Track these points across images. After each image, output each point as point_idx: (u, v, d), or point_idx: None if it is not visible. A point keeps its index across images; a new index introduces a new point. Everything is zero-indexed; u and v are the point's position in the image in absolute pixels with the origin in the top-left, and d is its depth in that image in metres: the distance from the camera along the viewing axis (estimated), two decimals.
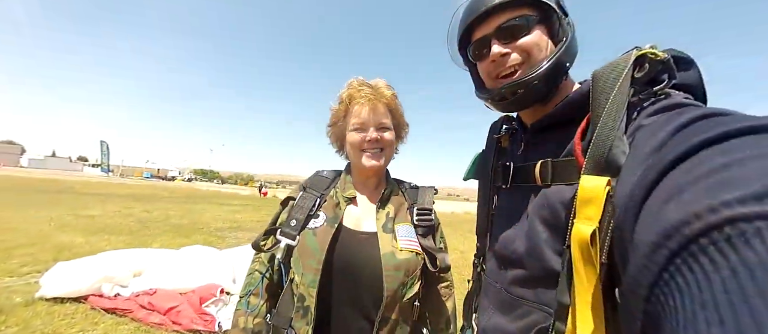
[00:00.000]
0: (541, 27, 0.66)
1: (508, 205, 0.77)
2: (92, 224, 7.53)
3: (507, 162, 0.77)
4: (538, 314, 0.61)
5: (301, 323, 0.94)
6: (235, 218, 11.00)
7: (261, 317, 1.03)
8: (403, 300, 0.96)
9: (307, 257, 0.95)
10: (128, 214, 9.81)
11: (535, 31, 0.66)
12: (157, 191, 24.31)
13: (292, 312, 0.96)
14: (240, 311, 1.05)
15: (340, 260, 0.95)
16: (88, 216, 8.64)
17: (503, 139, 0.86)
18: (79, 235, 6.28)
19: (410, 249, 0.99)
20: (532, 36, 0.65)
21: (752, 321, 0.19)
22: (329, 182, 1.14)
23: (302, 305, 0.94)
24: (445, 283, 1.12)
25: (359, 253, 0.97)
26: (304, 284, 0.94)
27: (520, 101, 0.69)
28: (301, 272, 0.95)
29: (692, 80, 0.57)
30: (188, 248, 4.52)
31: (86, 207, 10.40)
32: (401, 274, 0.95)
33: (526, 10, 0.66)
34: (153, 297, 3.13)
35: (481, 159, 0.92)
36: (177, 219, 9.65)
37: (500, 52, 0.67)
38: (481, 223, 0.88)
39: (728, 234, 0.22)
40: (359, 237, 1.00)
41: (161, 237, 6.85)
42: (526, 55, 0.66)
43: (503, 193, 0.80)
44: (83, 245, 5.46)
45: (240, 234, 8.08)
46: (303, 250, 0.97)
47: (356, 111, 1.04)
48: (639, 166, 0.41)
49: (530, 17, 0.66)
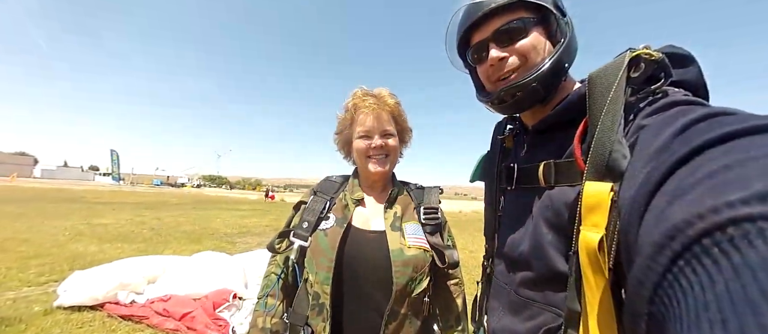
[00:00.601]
0: (538, 29, 0.66)
1: (513, 206, 0.77)
2: (105, 233, 7.67)
3: (511, 163, 0.78)
4: (547, 315, 0.62)
5: (318, 320, 0.97)
6: (244, 224, 11.12)
7: (278, 316, 1.08)
8: (412, 295, 0.98)
9: (320, 256, 0.99)
10: (140, 222, 9.97)
11: (533, 34, 0.66)
12: (167, 198, 24.63)
13: (307, 310, 1.00)
14: (258, 312, 1.10)
15: (350, 257, 0.99)
16: (101, 225, 8.81)
17: (507, 139, 0.86)
18: (93, 244, 6.40)
19: (418, 246, 1.02)
20: (529, 39, 0.65)
21: (755, 321, 0.19)
22: (338, 185, 1.18)
23: (317, 303, 0.98)
24: (455, 280, 1.14)
25: (368, 250, 1.01)
26: (319, 282, 0.98)
27: (518, 104, 0.70)
28: (315, 270, 0.99)
29: (692, 77, 0.57)
30: (200, 254, 4.58)
31: (99, 216, 10.59)
32: (410, 269, 0.98)
33: (523, 13, 0.66)
34: (168, 303, 3.18)
35: (487, 160, 0.93)
36: (188, 226, 9.79)
37: (498, 57, 0.67)
38: (489, 224, 0.89)
39: (731, 235, 0.22)
40: (368, 235, 1.05)
41: (173, 244, 6.95)
42: (523, 58, 0.66)
43: (509, 194, 0.81)
44: (97, 254, 5.57)
45: (249, 239, 8.17)
46: (315, 250, 1.01)
47: (361, 120, 1.09)
48: (643, 168, 0.41)
49: (527, 20, 0.66)
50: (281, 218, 13.56)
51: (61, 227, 8.05)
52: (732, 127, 0.32)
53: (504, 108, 0.73)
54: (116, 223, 9.37)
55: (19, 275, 4.24)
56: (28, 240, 6.27)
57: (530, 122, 0.76)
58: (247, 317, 3.14)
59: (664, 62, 0.52)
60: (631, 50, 0.54)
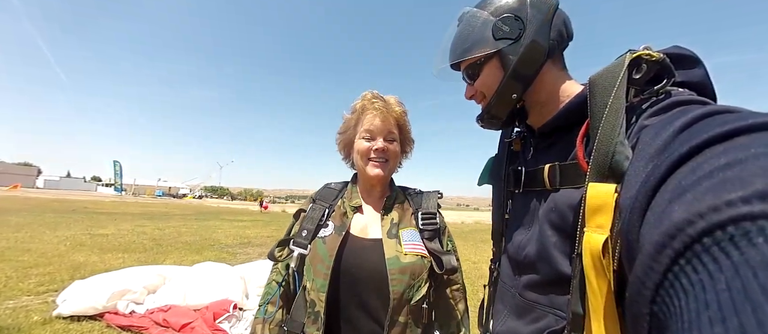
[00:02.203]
0: (492, 61, 0.70)
1: (520, 209, 0.77)
2: (106, 243, 7.66)
3: (518, 166, 0.79)
4: (551, 318, 0.62)
5: (312, 328, 0.97)
6: (244, 234, 11.08)
7: (276, 324, 1.08)
8: (411, 303, 0.98)
9: (317, 263, 1.00)
10: (141, 232, 9.97)
11: (485, 70, 0.72)
12: (168, 208, 24.67)
13: (304, 318, 1.00)
14: (257, 319, 1.09)
15: (348, 265, 0.99)
16: (102, 235, 8.80)
17: (515, 143, 0.87)
18: (94, 254, 6.39)
19: (415, 253, 1.02)
20: (482, 77, 0.73)
21: (755, 320, 0.19)
22: (337, 193, 1.18)
23: (313, 311, 0.98)
24: (455, 286, 1.13)
25: (365, 258, 1.01)
26: (315, 289, 0.98)
27: (493, 126, 0.80)
28: (312, 277, 0.99)
29: (698, 78, 0.56)
30: (201, 265, 4.57)
31: (100, 226, 10.59)
32: (407, 277, 0.97)
33: (477, 54, 0.71)
34: (168, 314, 3.15)
35: (495, 164, 0.94)
36: (189, 236, 9.76)
37: (468, 94, 0.80)
38: (496, 227, 0.89)
39: (732, 233, 0.22)
40: (364, 244, 1.05)
41: (174, 254, 6.93)
42: (481, 94, 0.76)
43: (516, 197, 0.81)
44: (98, 264, 5.55)
45: (250, 250, 8.13)
46: (314, 257, 1.01)
47: (367, 120, 1.09)
48: (644, 167, 0.41)
49: (476, 63, 0.72)
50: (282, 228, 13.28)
51: (63, 236, 8.05)
52: (732, 125, 0.32)
53: (487, 127, 0.82)
54: (117, 233, 9.36)
55: (19, 284, 4.22)
56: (29, 250, 6.26)
57: (536, 125, 0.76)
58: (247, 328, 3.11)
59: (666, 63, 0.52)
60: (631, 51, 0.54)
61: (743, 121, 0.32)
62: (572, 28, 0.71)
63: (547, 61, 0.68)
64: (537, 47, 0.66)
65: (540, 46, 0.66)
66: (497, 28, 0.67)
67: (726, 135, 0.32)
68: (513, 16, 0.67)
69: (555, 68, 0.71)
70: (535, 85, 0.70)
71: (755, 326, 0.19)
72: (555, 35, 0.67)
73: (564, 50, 0.73)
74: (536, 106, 0.74)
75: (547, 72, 0.69)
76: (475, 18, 0.71)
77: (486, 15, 0.69)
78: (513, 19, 0.67)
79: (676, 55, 0.55)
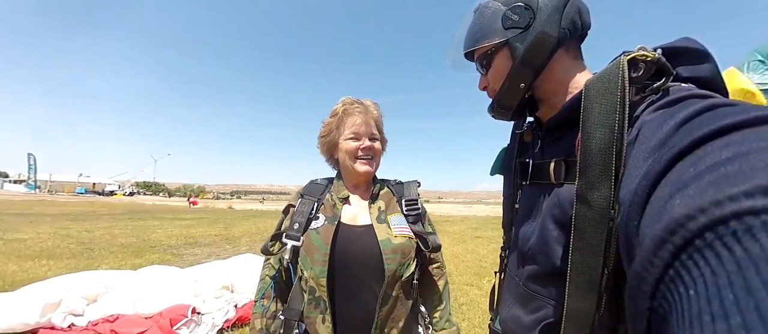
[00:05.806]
0: (502, 51, 0.71)
1: (527, 201, 0.79)
2: (25, 249, 6.76)
3: (527, 159, 0.81)
4: (550, 308, 0.65)
5: (315, 313, 1.05)
6: (189, 234, 10.38)
7: (271, 315, 1.15)
8: (402, 279, 1.09)
9: (314, 253, 1.07)
10: (66, 235, 8.92)
11: (496, 61, 0.73)
12: (95, 207, 22.25)
13: (301, 306, 1.08)
14: (256, 314, 1.17)
15: (342, 251, 1.08)
16: (19, 240, 7.73)
17: (526, 134, 0.87)
18: (11, 262, 5.60)
19: (403, 234, 1.14)
20: (492, 67, 0.74)
21: (757, 316, 0.19)
22: (323, 188, 1.27)
23: (314, 297, 1.06)
24: (437, 264, 1.28)
25: (359, 243, 1.11)
26: (314, 276, 1.05)
27: (504, 116, 0.80)
28: (310, 266, 1.06)
29: (706, 73, 0.55)
30: (147, 269, 4.24)
31: (14, 230, 9.29)
32: (398, 256, 1.08)
33: (487, 44, 0.72)
34: (115, 324, 2.91)
35: (506, 154, 0.96)
36: (124, 238, 8.93)
37: (481, 84, 0.80)
38: (506, 216, 0.92)
39: (734, 228, 0.22)
40: (356, 230, 1.14)
41: (109, 258, 6.33)
42: (493, 83, 0.77)
43: (524, 189, 0.82)
44: (18, 273, 4.90)
45: (197, 250, 7.67)
46: (309, 248, 1.08)
47: (350, 122, 1.19)
48: (644, 161, 0.41)
49: (490, 51, 0.73)
50: (232, 226, 12.92)
51: None
52: (734, 119, 0.32)
53: (498, 117, 0.83)
54: (37, 237, 8.28)
55: None
56: None
57: (544, 118, 0.77)
58: (208, 332, 2.99)
59: (662, 61, 0.52)
60: (625, 53, 0.55)
61: (745, 114, 0.31)
62: (589, 18, 0.69)
63: (557, 51, 0.67)
64: (546, 36, 0.65)
65: (549, 35, 0.65)
66: (507, 18, 0.68)
67: (728, 128, 0.31)
68: (523, 5, 0.67)
69: (567, 58, 0.71)
70: (545, 74, 0.70)
71: (758, 322, 0.19)
72: (567, 24, 0.65)
73: (581, 40, 0.72)
74: (545, 97, 0.74)
75: (557, 62, 0.69)
76: (488, 8, 0.72)
77: (497, 5, 0.70)
78: (523, 9, 0.67)
79: (683, 49, 0.55)
